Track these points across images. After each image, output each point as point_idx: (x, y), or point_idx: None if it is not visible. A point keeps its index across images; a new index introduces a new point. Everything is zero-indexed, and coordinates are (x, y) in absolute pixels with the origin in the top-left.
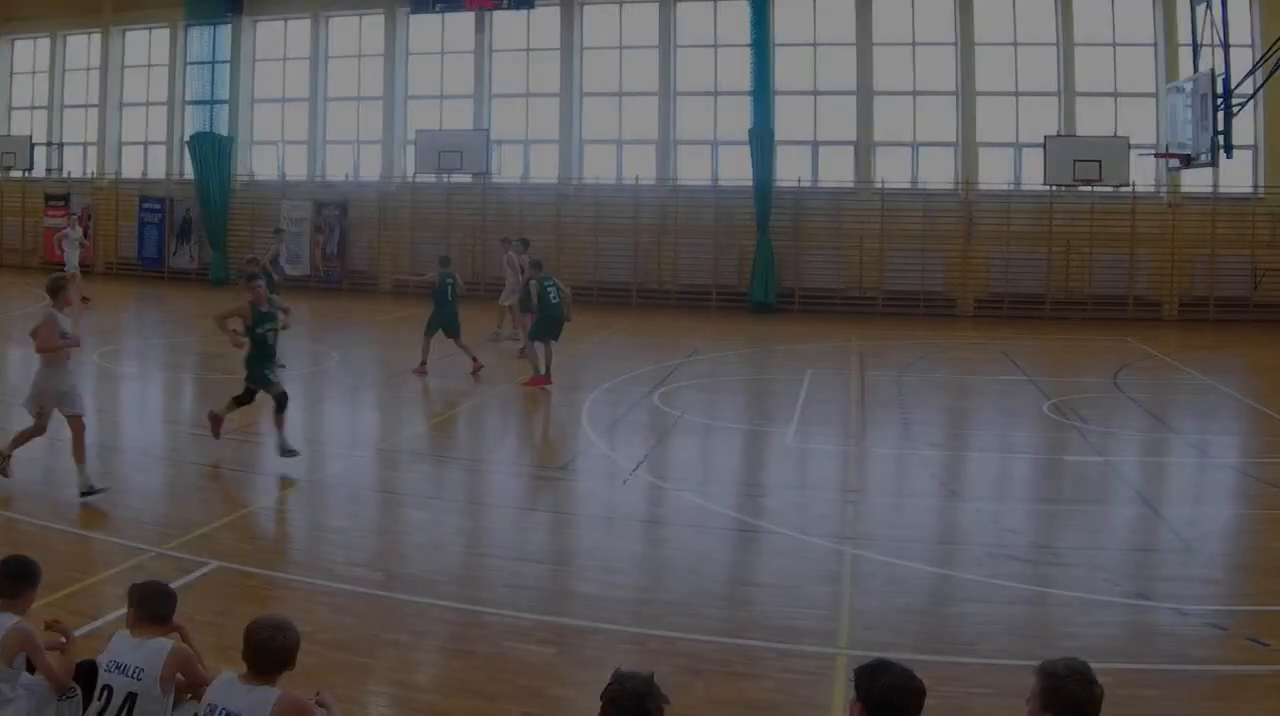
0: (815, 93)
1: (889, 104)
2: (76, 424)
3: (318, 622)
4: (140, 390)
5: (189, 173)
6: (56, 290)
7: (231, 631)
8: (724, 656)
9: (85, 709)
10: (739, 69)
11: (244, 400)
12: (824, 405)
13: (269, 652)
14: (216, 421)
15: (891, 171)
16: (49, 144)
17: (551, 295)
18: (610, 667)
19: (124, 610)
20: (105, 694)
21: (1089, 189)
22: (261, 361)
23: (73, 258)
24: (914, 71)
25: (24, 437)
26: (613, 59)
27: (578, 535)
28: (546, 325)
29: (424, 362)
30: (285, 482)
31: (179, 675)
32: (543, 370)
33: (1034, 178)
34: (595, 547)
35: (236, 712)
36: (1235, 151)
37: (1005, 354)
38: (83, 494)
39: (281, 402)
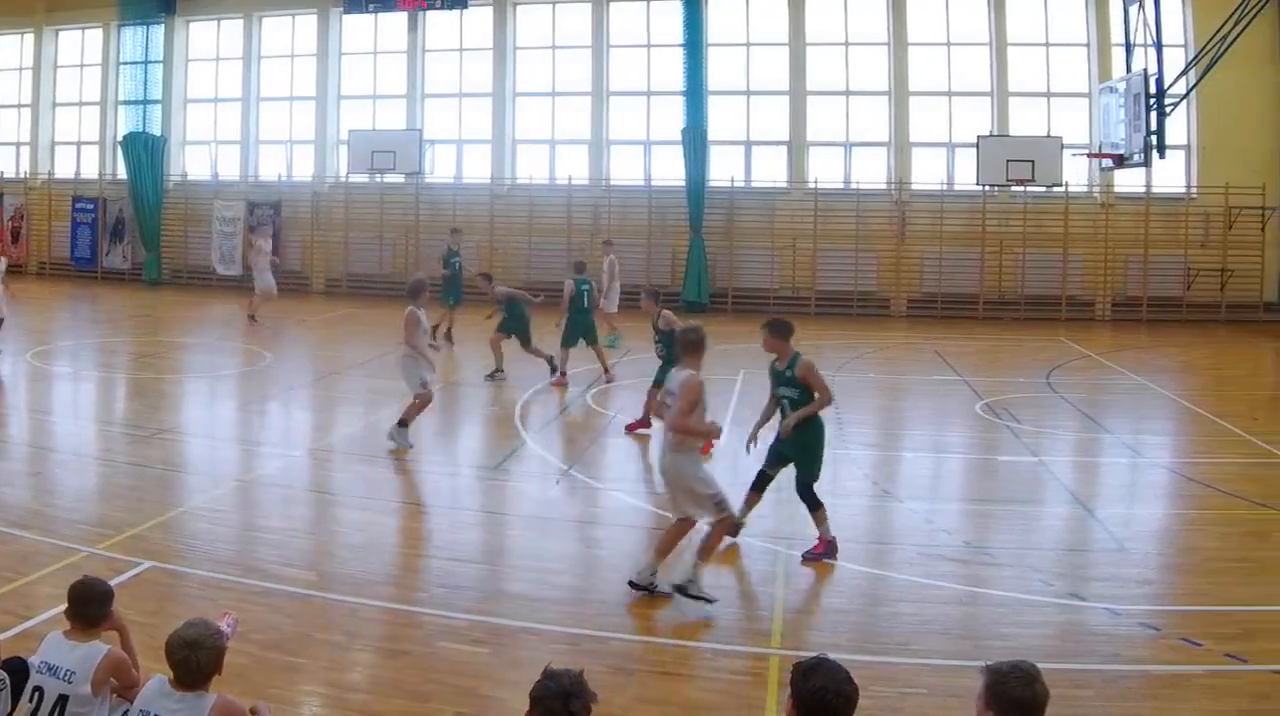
0: (748, 93)
1: (822, 104)
2: (722, 527)
3: (251, 623)
4: (73, 390)
5: (122, 173)
6: (695, 346)
7: (164, 632)
8: (657, 656)
9: (14, 706)
10: (672, 69)
11: (759, 486)
12: (757, 406)
13: (190, 669)
14: (826, 545)
15: (825, 171)
16: None
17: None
18: (543, 667)
19: (56, 611)
20: (36, 695)
21: (1022, 189)
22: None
23: (267, 277)
24: (847, 71)
25: (715, 544)
26: (546, 59)
27: (511, 535)
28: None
29: (563, 373)
30: (219, 482)
31: (112, 679)
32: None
33: (967, 178)
34: (528, 547)
35: None
36: (1168, 151)
37: (938, 354)
38: (678, 586)
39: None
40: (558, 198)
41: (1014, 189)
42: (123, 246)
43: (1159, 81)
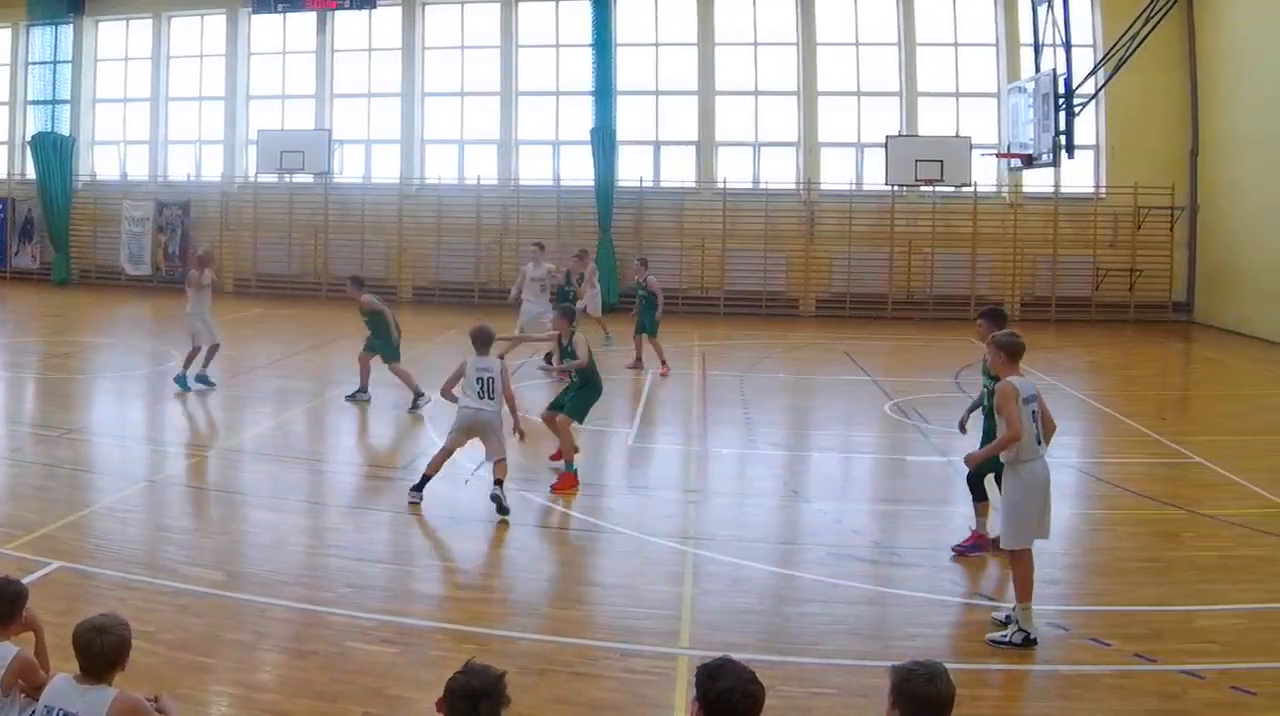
0: (657, 93)
1: (731, 104)
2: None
3: (160, 622)
4: None
5: (31, 173)
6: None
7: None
8: (565, 656)
9: None
10: (581, 69)
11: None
12: (666, 405)
13: (94, 655)
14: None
15: (733, 171)
16: None
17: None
18: (451, 667)
19: None
20: None
21: (931, 189)
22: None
23: (538, 301)
24: (756, 71)
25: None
26: (454, 59)
27: (419, 535)
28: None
29: (664, 362)
30: (129, 483)
31: (20, 681)
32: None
33: (876, 178)
34: (437, 547)
35: (74, 713)
36: (1076, 151)
37: (847, 354)
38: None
39: None
40: (467, 198)
41: (923, 189)
42: (31, 246)
43: (1068, 81)
